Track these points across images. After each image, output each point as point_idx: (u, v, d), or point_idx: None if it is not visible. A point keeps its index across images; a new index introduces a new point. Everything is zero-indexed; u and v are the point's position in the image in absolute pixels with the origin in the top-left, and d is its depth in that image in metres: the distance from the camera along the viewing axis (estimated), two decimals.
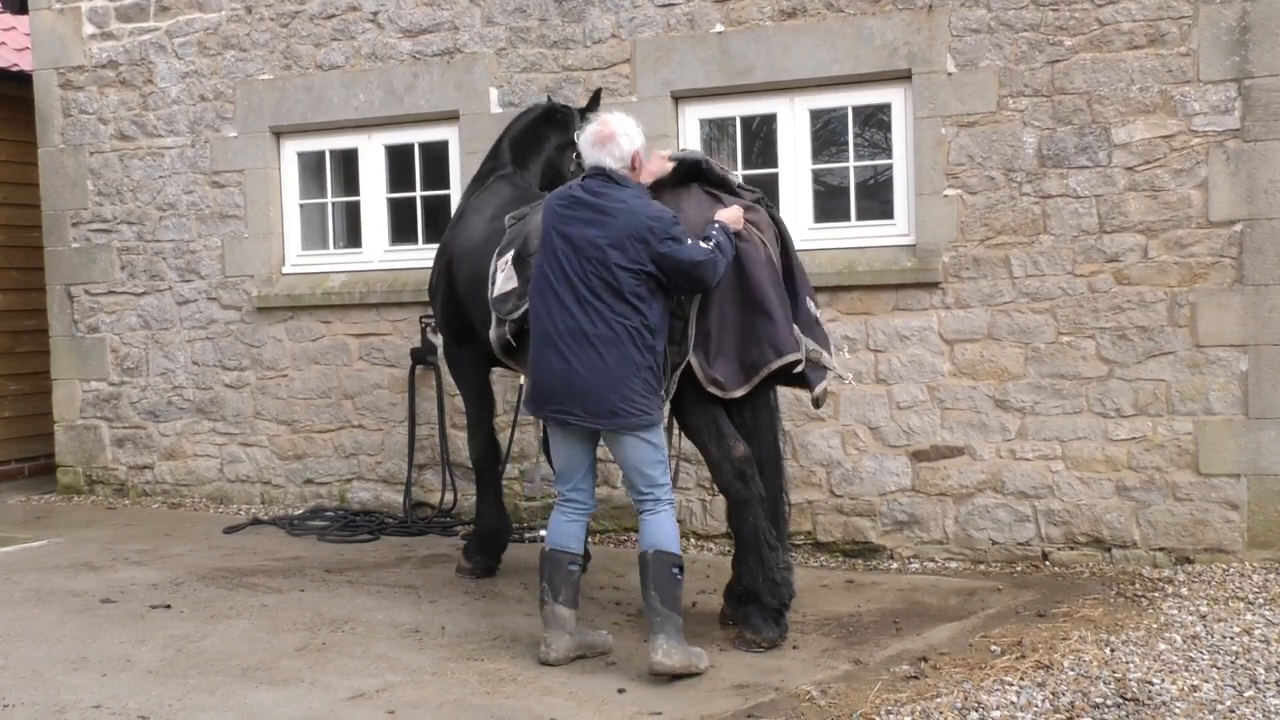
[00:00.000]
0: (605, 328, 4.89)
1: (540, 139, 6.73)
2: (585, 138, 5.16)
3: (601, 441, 5.15)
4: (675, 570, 4.92)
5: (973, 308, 6.85)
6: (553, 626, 5.06)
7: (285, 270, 8.76)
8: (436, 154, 8.35)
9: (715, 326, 5.20)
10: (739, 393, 5.22)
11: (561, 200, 5.10)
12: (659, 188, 5.35)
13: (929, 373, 6.94)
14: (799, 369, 5.28)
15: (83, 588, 6.45)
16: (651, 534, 4.97)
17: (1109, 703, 4.41)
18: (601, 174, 5.07)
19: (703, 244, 4.98)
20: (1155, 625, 5.39)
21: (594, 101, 6.84)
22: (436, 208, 8.38)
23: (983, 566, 6.77)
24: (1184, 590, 5.98)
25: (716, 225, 5.13)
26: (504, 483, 6.94)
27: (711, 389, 5.19)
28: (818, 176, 7.45)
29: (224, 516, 8.47)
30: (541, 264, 5.09)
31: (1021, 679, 4.69)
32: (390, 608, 5.99)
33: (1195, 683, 4.61)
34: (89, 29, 9.17)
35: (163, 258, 9.04)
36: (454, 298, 6.49)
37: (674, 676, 4.79)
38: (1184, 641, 5.13)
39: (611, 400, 4.89)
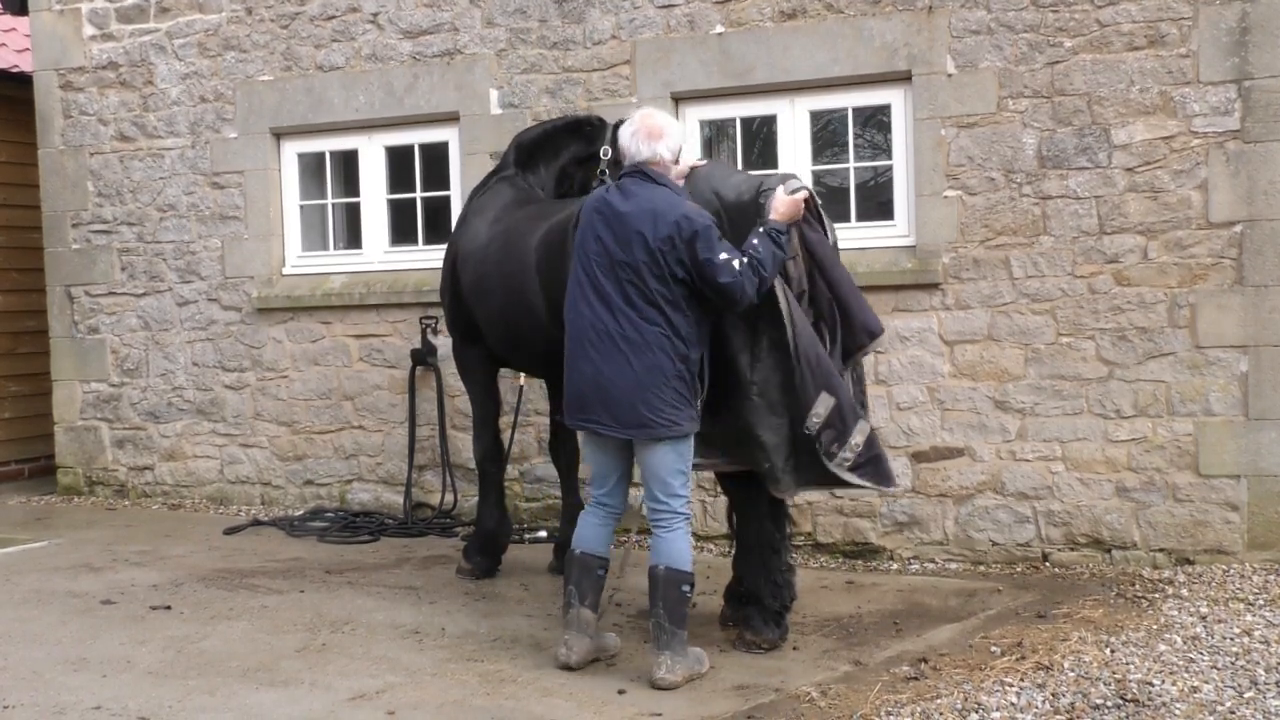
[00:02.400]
0: (635, 333, 4.75)
1: (556, 147, 6.59)
2: (631, 132, 4.95)
3: None
4: (685, 589, 4.85)
5: (973, 309, 6.85)
6: (575, 629, 5.00)
7: (285, 271, 8.76)
8: (437, 155, 8.35)
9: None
10: None
11: (596, 201, 4.96)
12: None
13: (929, 374, 6.94)
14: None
15: (83, 589, 6.45)
16: (665, 551, 4.86)
17: (1109, 704, 4.41)
18: (639, 173, 4.89)
19: (735, 262, 4.70)
20: (1155, 626, 5.39)
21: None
22: (437, 209, 8.38)
23: (983, 567, 6.77)
24: (1184, 591, 5.98)
25: (759, 236, 4.82)
26: (504, 483, 6.92)
27: None
28: (818, 177, 7.45)
29: (224, 517, 8.47)
30: (576, 266, 4.95)
31: (1021, 680, 4.69)
32: (390, 609, 6.00)
33: (1195, 684, 4.61)
34: (89, 30, 9.17)
35: (163, 259, 9.04)
36: (459, 298, 6.51)
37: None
38: (1184, 642, 5.13)
39: (639, 410, 4.75)
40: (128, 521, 8.42)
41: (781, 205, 4.92)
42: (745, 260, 4.74)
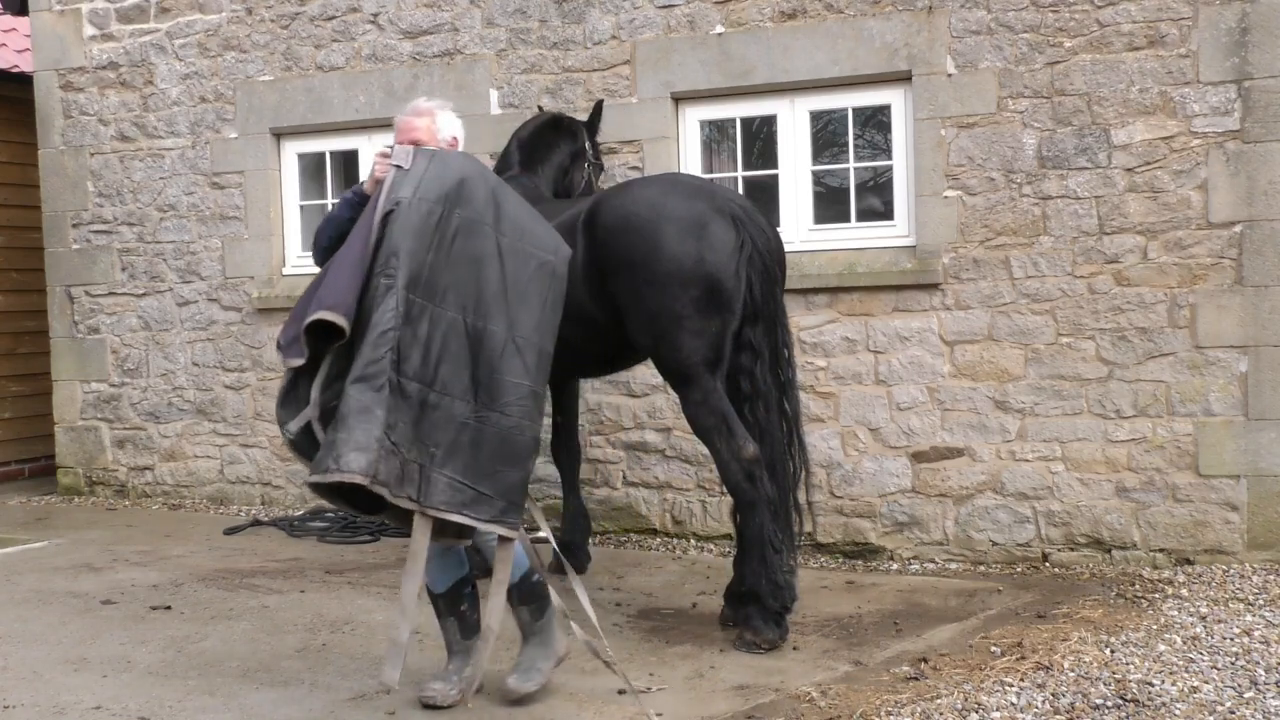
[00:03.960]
0: None
1: (550, 145, 6.66)
2: None
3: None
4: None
5: (973, 309, 6.85)
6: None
7: (286, 271, 8.76)
8: None
9: None
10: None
11: None
12: None
13: (929, 374, 6.94)
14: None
15: (83, 589, 6.45)
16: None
17: (1109, 704, 4.41)
18: None
19: None
20: (1155, 626, 5.39)
21: (596, 113, 6.89)
22: None
23: (983, 567, 6.77)
24: (1184, 591, 5.98)
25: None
26: None
27: None
28: (818, 178, 7.45)
29: (224, 518, 8.47)
30: None
31: (1021, 680, 4.69)
32: (390, 609, 5.98)
33: (1195, 684, 4.61)
34: (89, 30, 9.18)
35: (163, 259, 9.04)
36: None
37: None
38: (1184, 643, 5.13)
39: None
40: (128, 521, 8.42)
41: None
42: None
